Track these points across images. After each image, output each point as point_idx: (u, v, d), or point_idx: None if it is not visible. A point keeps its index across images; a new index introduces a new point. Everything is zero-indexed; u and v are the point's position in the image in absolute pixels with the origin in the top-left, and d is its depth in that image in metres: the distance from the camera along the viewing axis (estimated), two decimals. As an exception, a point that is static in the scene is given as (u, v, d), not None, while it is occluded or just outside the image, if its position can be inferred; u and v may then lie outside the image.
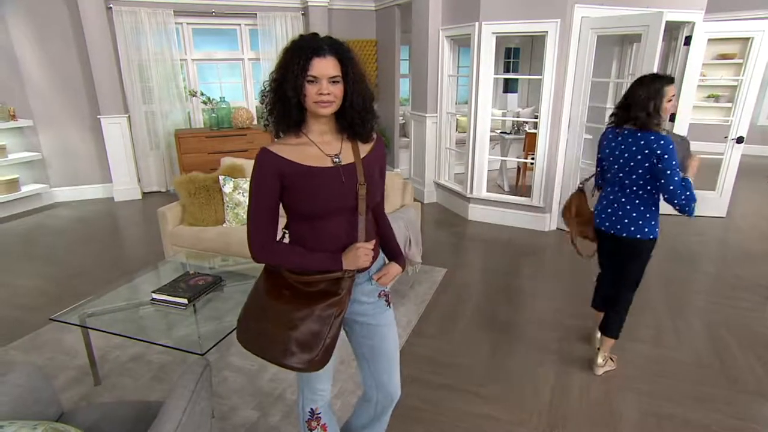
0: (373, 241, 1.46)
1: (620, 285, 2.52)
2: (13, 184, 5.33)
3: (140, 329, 2.29)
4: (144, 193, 6.20)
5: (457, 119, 5.84)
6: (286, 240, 1.48)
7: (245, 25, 6.38)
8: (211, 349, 2.03)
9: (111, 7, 5.53)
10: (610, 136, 2.39)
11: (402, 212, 3.43)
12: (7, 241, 4.68)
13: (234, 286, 2.63)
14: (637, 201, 2.32)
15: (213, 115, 5.97)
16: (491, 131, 5.02)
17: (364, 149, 1.45)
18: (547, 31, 4.26)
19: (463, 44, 5.19)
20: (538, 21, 4.29)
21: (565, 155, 4.58)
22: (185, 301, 2.36)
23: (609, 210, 2.42)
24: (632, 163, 2.26)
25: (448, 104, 5.42)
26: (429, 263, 3.92)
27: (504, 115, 6.76)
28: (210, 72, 6.67)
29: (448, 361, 2.69)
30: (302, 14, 6.38)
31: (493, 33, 4.50)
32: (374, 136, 1.48)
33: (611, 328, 2.53)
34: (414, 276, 3.64)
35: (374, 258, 1.50)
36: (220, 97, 6.07)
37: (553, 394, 2.42)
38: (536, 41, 7.80)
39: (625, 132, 2.31)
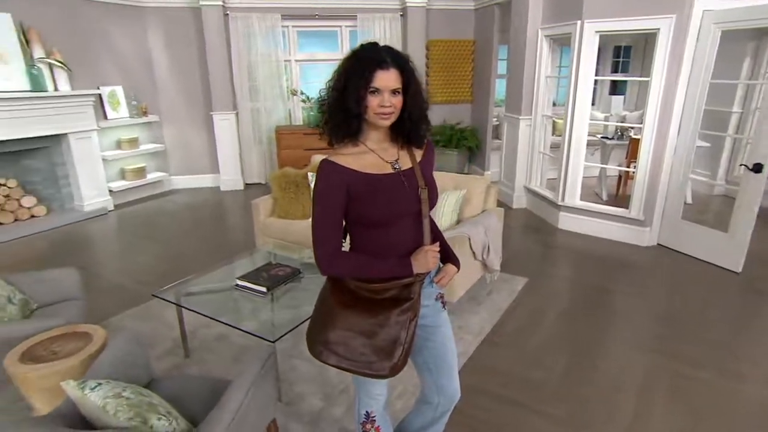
0: (438, 243, 1.47)
1: None
2: (141, 172, 6.10)
3: (224, 312, 2.51)
4: (246, 184, 6.75)
5: (554, 122, 5.55)
6: (346, 248, 1.52)
7: (345, 26, 6.63)
8: (281, 337, 2.17)
9: (228, 14, 6.07)
10: None
11: (483, 217, 3.35)
12: (134, 222, 5.37)
13: (311, 278, 2.77)
14: None
15: (311, 113, 6.30)
16: (592, 135, 4.71)
17: (418, 154, 1.48)
18: (659, 28, 3.89)
19: (564, 44, 4.92)
20: (649, 17, 3.92)
21: (672, 164, 4.15)
22: (265, 289, 2.54)
23: None
24: None
25: (543, 106, 5.17)
26: (509, 271, 3.80)
27: (607, 119, 6.27)
28: (312, 72, 7.03)
29: (517, 375, 2.60)
30: (401, 15, 6.48)
31: (597, 32, 4.21)
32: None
33: None
34: (492, 284, 3.54)
35: None
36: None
37: (632, 425, 2.24)
38: (651, 38, 7.13)
39: None
